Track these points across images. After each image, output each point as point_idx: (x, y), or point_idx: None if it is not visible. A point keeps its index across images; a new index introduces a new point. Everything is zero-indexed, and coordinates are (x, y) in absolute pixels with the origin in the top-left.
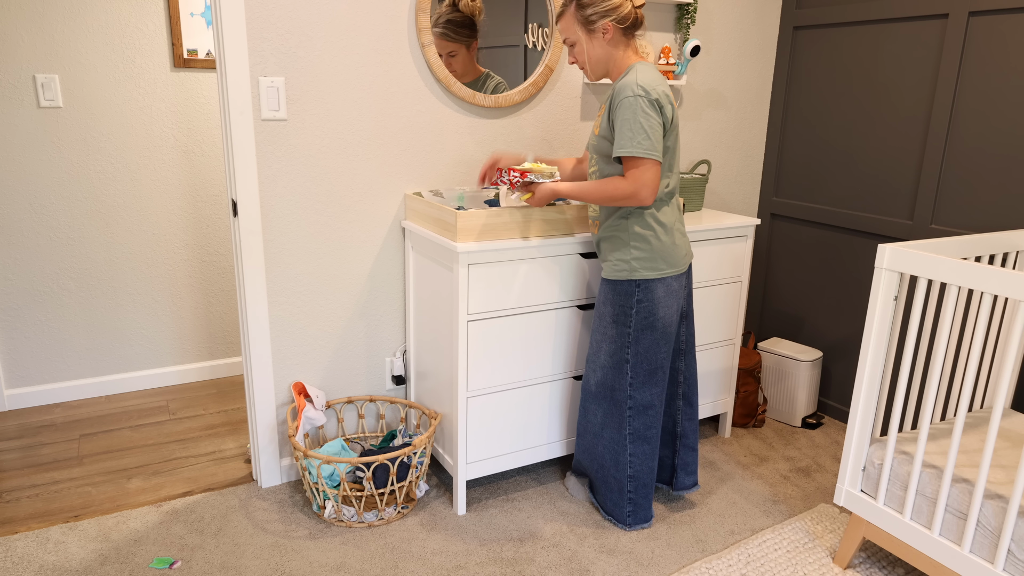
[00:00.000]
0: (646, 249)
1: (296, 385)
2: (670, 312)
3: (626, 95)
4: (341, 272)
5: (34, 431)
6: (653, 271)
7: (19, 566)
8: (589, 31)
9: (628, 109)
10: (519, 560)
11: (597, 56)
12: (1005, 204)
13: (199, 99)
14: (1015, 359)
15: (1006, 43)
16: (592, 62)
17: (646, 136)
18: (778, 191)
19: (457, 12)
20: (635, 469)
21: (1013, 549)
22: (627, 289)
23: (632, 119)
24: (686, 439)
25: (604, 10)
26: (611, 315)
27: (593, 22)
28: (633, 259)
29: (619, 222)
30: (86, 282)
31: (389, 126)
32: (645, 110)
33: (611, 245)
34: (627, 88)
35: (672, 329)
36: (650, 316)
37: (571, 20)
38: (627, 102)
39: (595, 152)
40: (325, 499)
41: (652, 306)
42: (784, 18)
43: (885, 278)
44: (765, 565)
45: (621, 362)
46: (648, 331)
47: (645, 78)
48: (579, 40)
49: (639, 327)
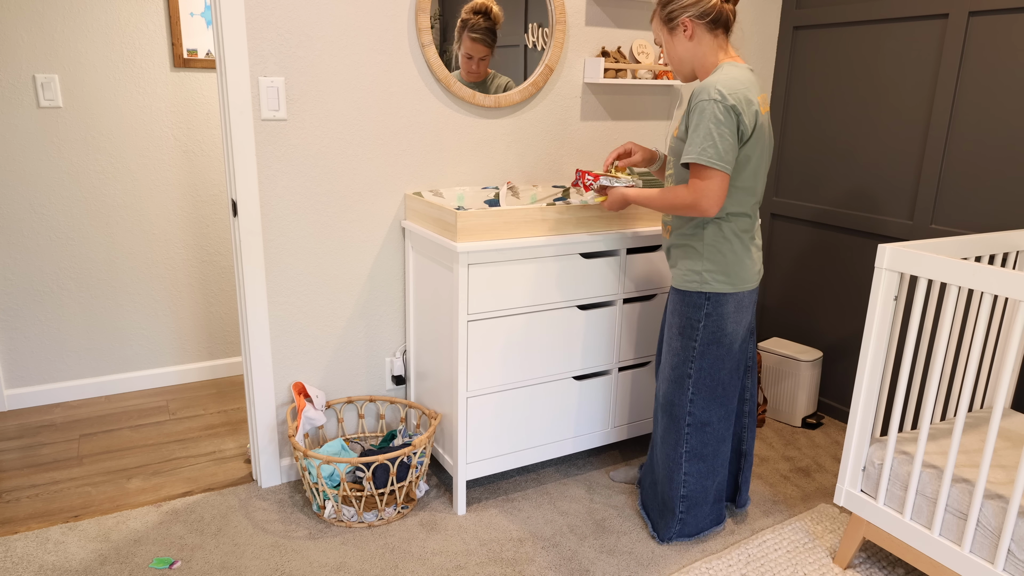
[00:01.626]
0: (719, 261)
1: (296, 385)
2: (738, 328)
3: (702, 98)
4: (341, 272)
5: (34, 431)
6: (726, 285)
7: (19, 566)
8: (670, 29)
9: (701, 114)
10: (519, 560)
11: (679, 55)
12: (1005, 204)
13: (199, 99)
14: (1015, 359)
15: (1006, 43)
16: (675, 61)
17: (714, 144)
18: (778, 191)
19: (490, 20)
20: (688, 489)
21: (1013, 549)
22: (696, 301)
23: (703, 125)
24: (749, 457)
25: (683, 5)
26: (677, 326)
27: (673, 19)
28: (705, 270)
29: (694, 231)
30: (86, 282)
31: (389, 126)
32: (718, 116)
33: (682, 253)
34: (704, 91)
35: (738, 345)
36: (718, 331)
37: (656, 19)
38: (701, 106)
39: (672, 155)
40: (325, 499)
41: (721, 321)
42: (784, 18)
43: (885, 278)
44: (765, 565)
45: (683, 376)
46: (714, 346)
47: (727, 81)
48: (664, 41)
49: (705, 341)
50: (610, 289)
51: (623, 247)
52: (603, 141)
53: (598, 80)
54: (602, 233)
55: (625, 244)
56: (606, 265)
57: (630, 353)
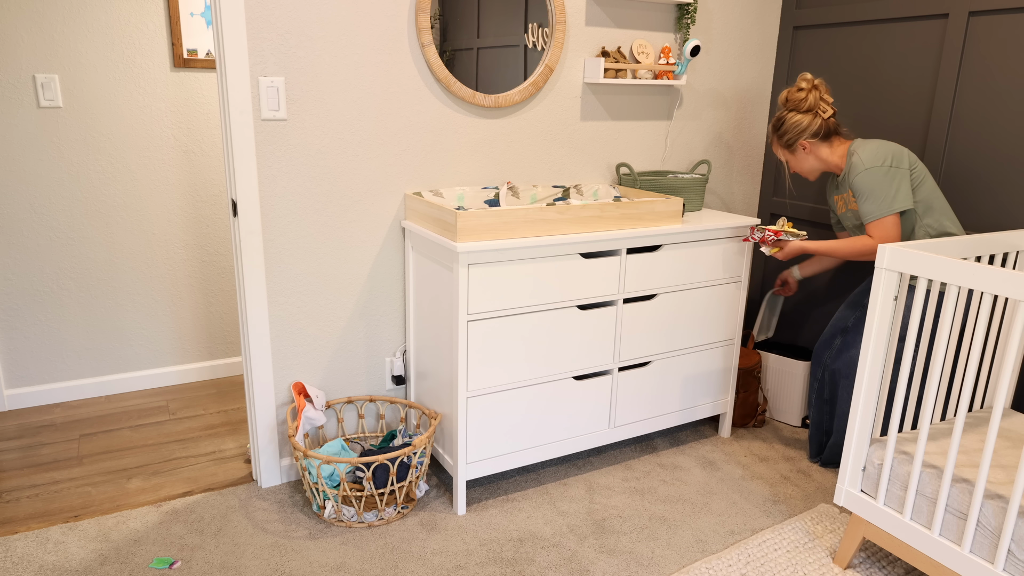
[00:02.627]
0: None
1: (296, 385)
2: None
3: (853, 177)
4: (341, 272)
5: (34, 431)
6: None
7: (19, 566)
8: (791, 151)
9: (858, 187)
10: (519, 560)
11: (808, 166)
12: (1005, 204)
13: (199, 99)
14: (1015, 359)
15: (1006, 43)
16: (805, 172)
17: (876, 200)
18: (778, 191)
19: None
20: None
21: (1013, 549)
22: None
23: (862, 193)
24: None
25: (796, 133)
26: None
27: (792, 144)
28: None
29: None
30: (86, 282)
31: (389, 126)
32: (869, 181)
33: None
34: (852, 171)
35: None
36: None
37: (776, 146)
38: (855, 182)
39: (849, 224)
40: (325, 499)
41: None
42: (784, 18)
43: (885, 278)
44: (765, 565)
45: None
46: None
47: (866, 155)
48: (789, 159)
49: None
50: (610, 289)
51: (623, 247)
52: (603, 141)
53: (598, 80)
54: (602, 233)
55: (625, 244)
56: (606, 265)
57: (630, 353)
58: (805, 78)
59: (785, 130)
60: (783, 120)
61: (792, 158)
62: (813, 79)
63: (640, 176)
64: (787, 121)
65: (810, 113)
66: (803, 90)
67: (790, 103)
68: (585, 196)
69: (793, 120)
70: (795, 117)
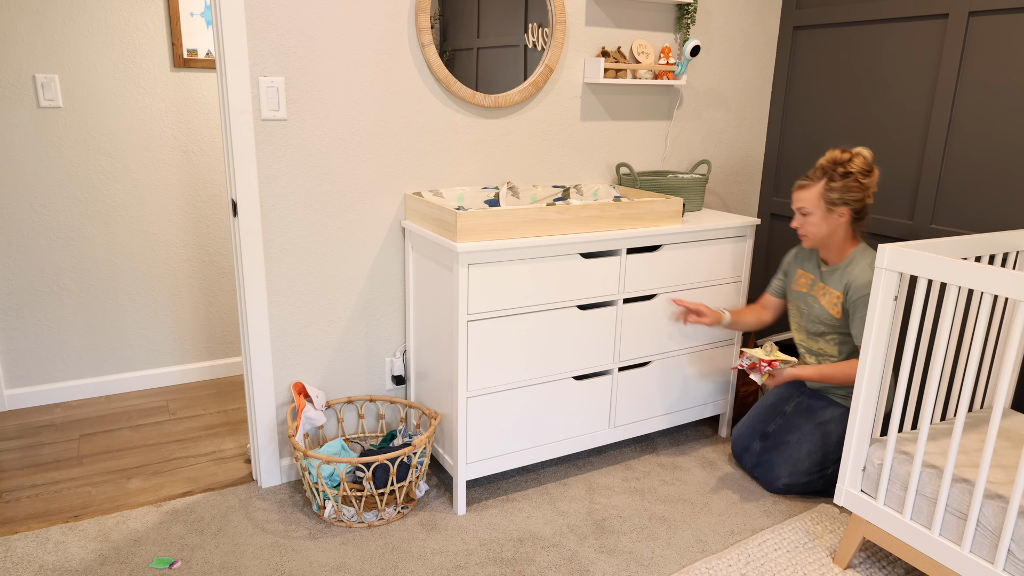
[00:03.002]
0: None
1: (296, 385)
2: None
3: (864, 293)
4: (341, 272)
5: (34, 431)
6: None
7: (19, 566)
8: (829, 209)
9: (866, 305)
10: (519, 560)
11: (826, 232)
12: (1005, 204)
13: (199, 99)
14: (1015, 359)
15: (1006, 43)
16: (820, 235)
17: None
18: (778, 191)
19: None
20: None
21: (1013, 549)
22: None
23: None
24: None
25: (849, 198)
26: (836, 435)
27: (836, 204)
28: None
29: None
30: (86, 282)
31: (389, 126)
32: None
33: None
34: (865, 286)
35: None
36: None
37: (816, 195)
38: (867, 300)
39: (835, 332)
40: (325, 499)
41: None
42: (784, 18)
43: (885, 278)
44: (765, 565)
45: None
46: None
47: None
48: (817, 212)
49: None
50: (610, 289)
51: (623, 247)
52: (603, 141)
53: (598, 80)
54: (602, 233)
55: (625, 244)
56: (606, 265)
57: (630, 353)
58: (869, 155)
59: (845, 186)
60: (844, 176)
61: (821, 216)
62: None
63: (640, 176)
64: (848, 181)
65: (864, 194)
66: (872, 167)
67: (854, 166)
68: (585, 196)
69: (853, 186)
70: (855, 184)
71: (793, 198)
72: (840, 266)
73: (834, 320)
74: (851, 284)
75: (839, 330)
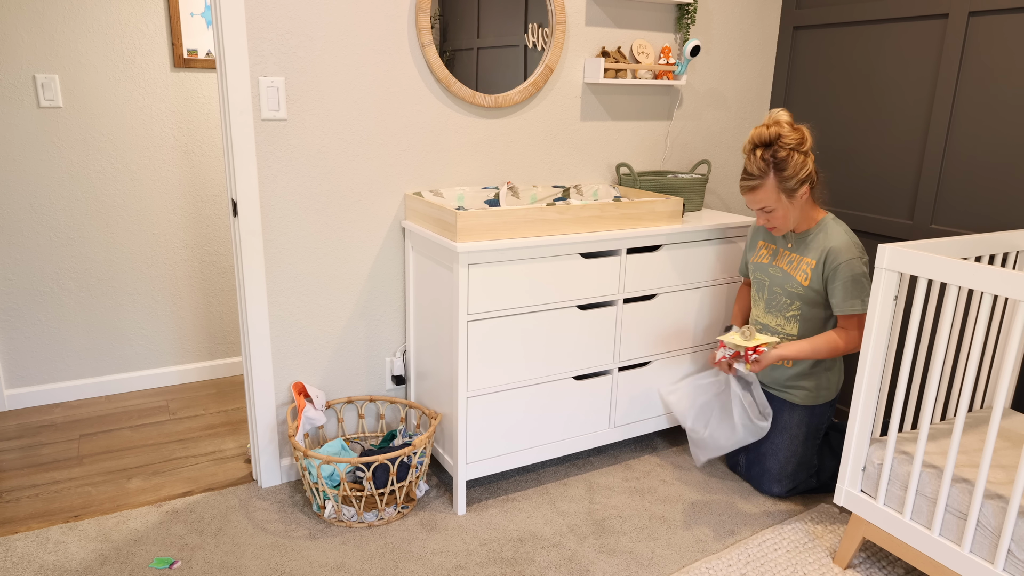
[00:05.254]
0: (838, 370)
1: (296, 385)
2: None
3: (847, 257)
4: (341, 272)
5: (34, 431)
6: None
7: (19, 566)
8: (791, 197)
9: (850, 271)
10: (519, 560)
11: (795, 216)
12: (1005, 204)
13: (199, 99)
14: (1015, 359)
15: (1006, 43)
16: (790, 220)
17: (863, 294)
18: None
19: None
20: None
21: (1013, 549)
22: (826, 411)
23: (854, 279)
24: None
25: (803, 176)
26: (803, 436)
27: (796, 189)
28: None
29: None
30: (86, 282)
31: (389, 126)
32: (863, 269)
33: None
34: (846, 251)
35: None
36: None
37: (772, 189)
38: (850, 265)
39: (800, 300)
40: (325, 499)
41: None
42: (784, 18)
43: (885, 278)
44: (765, 565)
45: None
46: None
47: (851, 235)
48: (780, 206)
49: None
50: (610, 289)
51: (623, 247)
52: (603, 141)
53: (598, 80)
54: (602, 233)
55: (625, 244)
56: (606, 265)
57: (630, 353)
58: (784, 114)
59: (793, 171)
60: (789, 159)
61: (788, 204)
62: (790, 114)
63: (640, 176)
64: (794, 160)
65: (809, 156)
66: (798, 128)
67: (788, 140)
68: (585, 196)
69: (800, 160)
70: (800, 157)
71: (747, 200)
72: (812, 232)
73: (801, 289)
74: (830, 250)
75: (804, 300)
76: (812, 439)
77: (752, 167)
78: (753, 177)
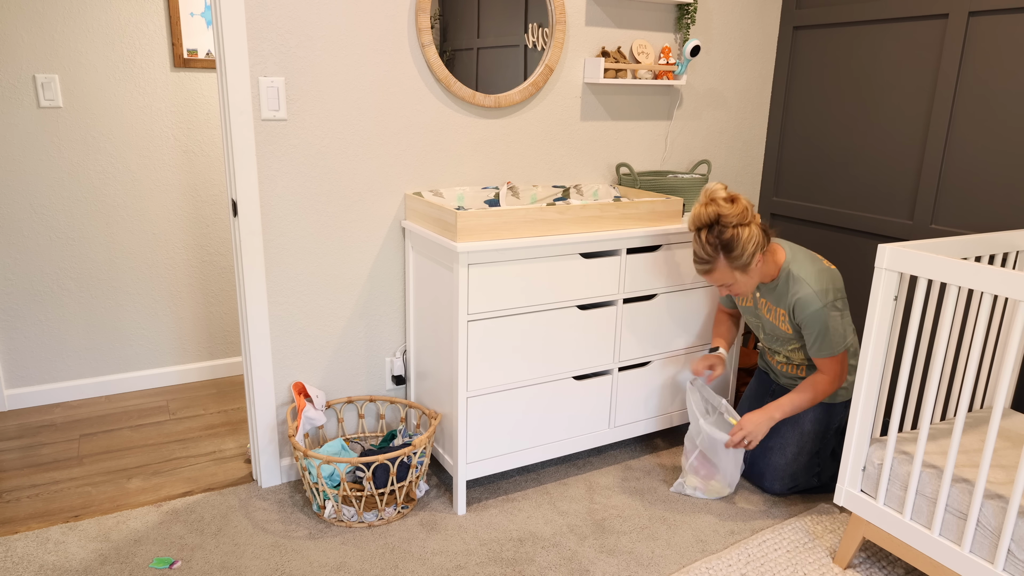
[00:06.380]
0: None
1: (296, 385)
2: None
3: (812, 309)
4: (341, 272)
5: (34, 431)
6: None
7: (19, 566)
8: (746, 270)
9: (818, 321)
10: (519, 560)
11: (756, 280)
12: (1005, 204)
13: (199, 99)
14: (1015, 359)
15: (1006, 43)
16: (753, 285)
17: (832, 338)
18: (778, 191)
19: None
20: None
21: (1013, 549)
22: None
23: (822, 330)
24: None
25: (753, 249)
26: (815, 433)
27: (748, 263)
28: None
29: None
30: (86, 282)
31: (389, 126)
32: (832, 313)
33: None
34: (811, 301)
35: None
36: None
37: (725, 269)
38: (817, 316)
39: (794, 340)
40: (325, 499)
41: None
42: (784, 18)
43: (885, 278)
44: (765, 565)
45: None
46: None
47: (816, 282)
48: (737, 279)
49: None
50: (610, 289)
51: (623, 247)
52: (603, 141)
53: (598, 80)
54: (602, 233)
55: (625, 244)
56: (606, 265)
57: (630, 353)
58: (719, 189)
59: (742, 248)
60: (736, 238)
61: (744, 278)
62: (725, 186)
63: (640, 176)
64: (741, 237)
65: (753, 223)
66: (731, 201)
67: (730, 218)
68: (585, 196)
69: (746, 235)
70: (745, 231)
71: (706, 279)
72: (778, 281)
73: (787, 335)
74: (796, 302)
75: (798, 339)
76: (822, 438)
77: (700, 251)
78: (704, 261)
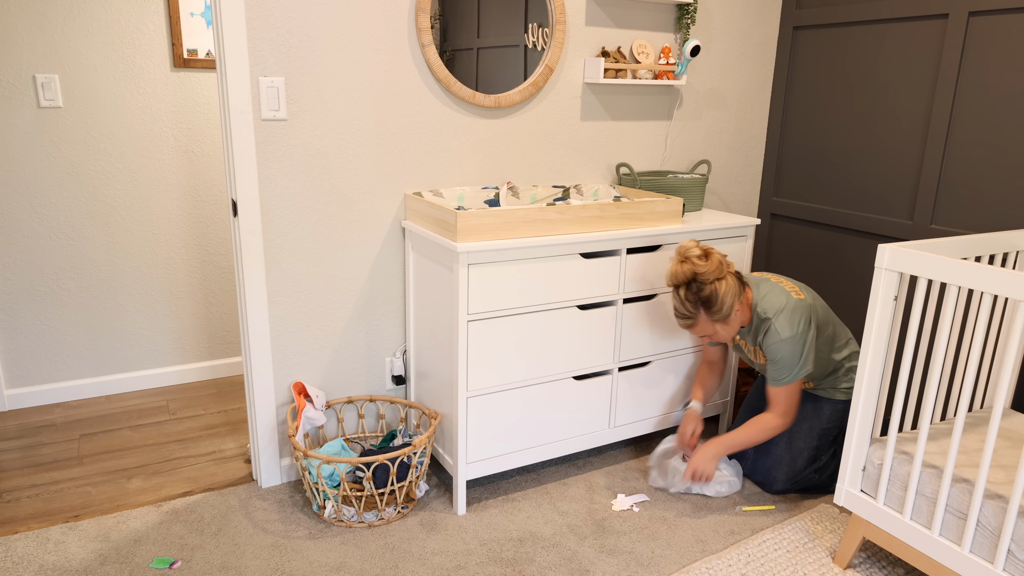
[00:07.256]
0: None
1: (296, 385)
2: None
3: (772, 342)
4: (341, 272)
5: (34, 431)
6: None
7: (19, 566)
8: (726, 322)
9: (771, 353)
10: (519, 560)
11: (735, 328)
12: (1005, 204)
13: (199, 99)
14: (1015, 359)
15: (1006, 43)
16: (734, 332)
17: (787, 367)
18: (778, 191)
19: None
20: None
21: (1013, 549)
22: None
23: (774, 359)
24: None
25: (732, 298)
26: (822, 427)
27: (728, 315)
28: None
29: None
30: (86, 282)
31: (389, 126)
32: (784, 351)
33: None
34: (770, 337)
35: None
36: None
37: (706, 323)
38: (772, 349)
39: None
40: (325, 499)
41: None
42: (784, 18)
43: (885, 278)
44: (765, 565)
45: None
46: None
47: (782, 320)
48: (718, 329)
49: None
50: (610, 289)
51: (623, 247)
52: (603, 141)
53: (598, 80)
54: (602, 233)
55: (625, 244)
56: (606, 265)
57: (630, 353)
58: (692, 247)
59: (721, 303)
60: (715, 293)
61: (725, 328)
62: (698, 242)
63: (640, 176)
64: (719, 292)
65: (728, 275)
66: (705, 257)
67: (707, 275)
68: (585, 196)
69: (724, 288)
70: (723, 285)
71: (690, 332)
72: (753, 324)
73: (760, 366)
74: (764, 344)
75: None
76: (830, 435)
77: (681, 308)
78: (685, 317)
